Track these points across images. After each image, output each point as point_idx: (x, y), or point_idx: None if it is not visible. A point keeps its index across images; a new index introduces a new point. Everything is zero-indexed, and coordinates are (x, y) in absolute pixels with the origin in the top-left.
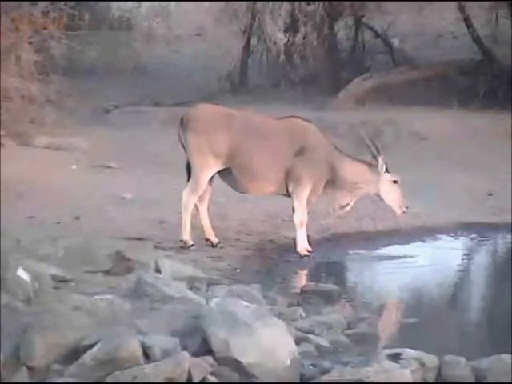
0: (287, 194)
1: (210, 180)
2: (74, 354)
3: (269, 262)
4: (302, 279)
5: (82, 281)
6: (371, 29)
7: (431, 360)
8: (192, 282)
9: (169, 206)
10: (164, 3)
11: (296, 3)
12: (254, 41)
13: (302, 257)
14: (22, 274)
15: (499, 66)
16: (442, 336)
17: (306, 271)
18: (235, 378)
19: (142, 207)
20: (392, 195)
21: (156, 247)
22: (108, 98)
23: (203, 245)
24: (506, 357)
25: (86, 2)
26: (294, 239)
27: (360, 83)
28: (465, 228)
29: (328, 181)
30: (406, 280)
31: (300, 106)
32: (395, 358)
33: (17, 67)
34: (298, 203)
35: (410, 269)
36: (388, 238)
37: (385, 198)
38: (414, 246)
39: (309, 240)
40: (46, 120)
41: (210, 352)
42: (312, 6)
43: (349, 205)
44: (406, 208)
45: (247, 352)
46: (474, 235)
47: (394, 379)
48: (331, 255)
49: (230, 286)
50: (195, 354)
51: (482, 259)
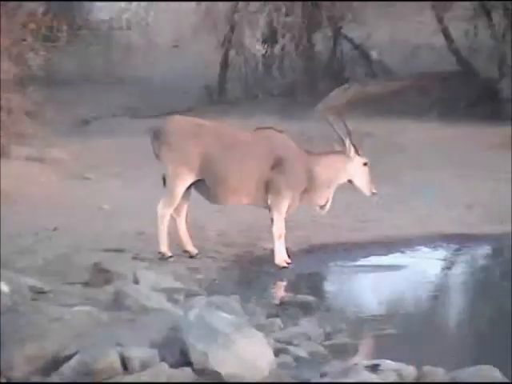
0: (265, 205)
1: (188, 192)
2: (52, 365)
3: (248, 273)
4: (280, 290)
5: (60, 292)
6: (350, 40)
7: (409, 371)
8: (171, 294)
9: (147, 217)
10: (143, 13)
11: (274, 14)
12: (232, 52)
13: (281, 268)
14: (1, 285)
15: (478, 78)
16: (421, 347)
17: (284, 282)
18: None
19: (121, 218)
20: (363, 178)
21: (134, 258)
22: (86, 109)
23: (182, 256)
24: (486, 367)
25: (65, 12)
26: (273, 250)
27: (338, 95)
28: (444, 239)
29: (305, 187)
30: (385, 291)
31: (278, 118)
32: (373, 369)
33: None
34: (277, 215)
35: (389, 280)
36: (367, 249)
37: (356, 181)
38: (392, 256)
39: (288, 251)
40: (24, 131)
41: (188, 363)
42: (290, 18)
43: (328, 202)
44: (374, 190)
45: (226, 363)
46: (454, 246)
47: None
48: (310, 266)
49: (209, 298)
50: (174, 366)
51: (460, 270)
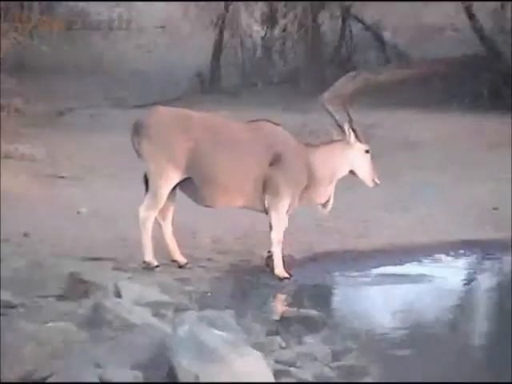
0: (260, 208)
1: (173, 192)
2: None
3: (244, 284)
4: (281, 304)
5: (32, 306)
6: (360, 21)
7: None
8: (157, 308)
9: (131, 222)
10: None
11: None
12: (227, 34)
13: (282, 279)
14: None
15: (505, 62)
16: (439, 371)
17: (286, 295)
18: None
19: (101, 223)
20: (365, 167)
21: (116, 268)
22: (63, 99)
23: (170, 265)
24: None
25: None
26: (273, 259)
27: (347, 82)
28: (466, 246)
29: (305, 185)
30: (399, 306)
31: (279, 109)
32: None
33: None
34: (277, 218)
35: (404, 292)
36: (378, 257)
37: (358, 171)
38: (408, 266)
39: (289, 260)
40: None
41: None
42: None
43: (330, 200)
44: (377, 180)
45: None
46: (477, 254)
47: None
48: (314, 277)
49: (201, 312)
50: None
51: (485, 280)
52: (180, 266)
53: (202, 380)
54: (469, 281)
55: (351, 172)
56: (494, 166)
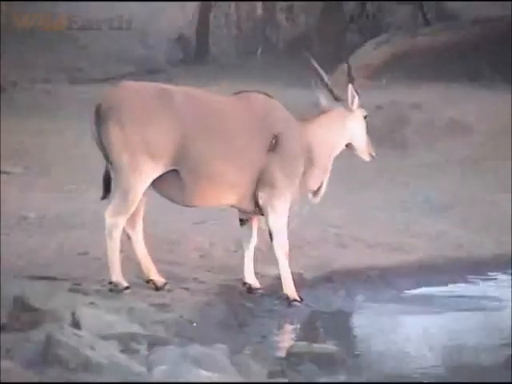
0: (251, 208)
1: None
2: None
3: (239, 311)
4: (288, 337)
5: None
6: None
7: None
8: (126, 342)
9: (93, 230)
10: None
11: None
12: None
13: (291, 302)
14: None
15: None
16: None
17: (294, 325)
18: None
19: (53, 231)
20: (363, 137)
21: (74, 290)
22: (4, 71)
23: (143, 287)
24: None
25: None
26: (275, 277)
27: (374, 50)
28: None
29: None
30: (441, 338)
31: (284, 84)
32: None
33: None
34: (278, 220)
35: (450, 322)
36: (413, 275)
37: (356, 143)
38: (453, 287)
39: (299, 279)
40: None
41: None
42: None
43: (322, 187)
44: (374, 153)
45: None
46: None
47: None
48: (331, 302)
49: (183, 348)
50: None
51: None
52: (157, 288)
53: None
54: None
55: (347, 146)
56: None
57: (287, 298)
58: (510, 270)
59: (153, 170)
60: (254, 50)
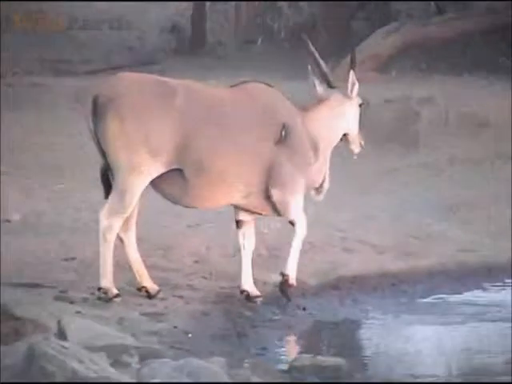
0: (260, 208)
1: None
2: None
3: (238, 321)
4: (290, 349)
5: None
6: None
7: None
8: (116, 354)
9: (81, 234)
10: None
11: None
12: None
13: (289, 284)
14: None
15: None
16: None
17: (297, 336)
18: None
19: (38, 235)
20: (356, 126)
21: (60, 298)
22: None
23: (135, 295)
24: None
25: None
26: (277, 284)
27: (383, 39)
28: None
29: None
30: (457, 351)
31: (285, 75)
32: None
33: None
34: (296, 213)
35: (466, 333)
36: (426, 282)
37: (351, 132)
38: (473, 295)
39: (302, 286)
40: None
41: None
42: None
43: (326, 180)
44: (362, 141)
45: None
46: None
47: None
48: (337, 311)
49: (178, 361)
50: None
51: None
52: (149, 296)
53: None
54: None
55: (343, 136)
56: None
57: (287, 281)
58: None
59: (153, 170)
60: (253, 39)
